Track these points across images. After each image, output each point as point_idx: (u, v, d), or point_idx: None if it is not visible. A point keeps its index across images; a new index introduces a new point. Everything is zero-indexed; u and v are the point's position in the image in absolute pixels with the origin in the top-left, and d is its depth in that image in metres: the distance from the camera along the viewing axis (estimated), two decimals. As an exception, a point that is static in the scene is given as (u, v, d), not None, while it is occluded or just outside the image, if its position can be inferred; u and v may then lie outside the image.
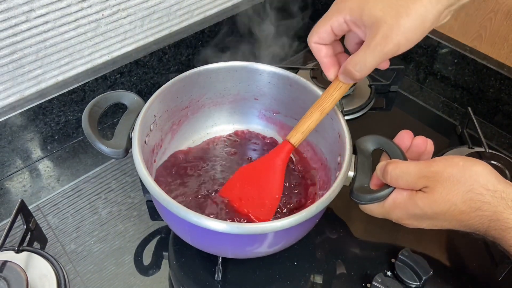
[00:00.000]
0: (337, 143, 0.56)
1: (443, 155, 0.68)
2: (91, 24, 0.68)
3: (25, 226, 0.56)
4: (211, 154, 0.65)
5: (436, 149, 0.57)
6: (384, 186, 0.50)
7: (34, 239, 0.58)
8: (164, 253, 0.59)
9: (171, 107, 0.60)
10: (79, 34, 0.68)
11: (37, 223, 0.59)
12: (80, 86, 0.70)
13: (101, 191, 0.66)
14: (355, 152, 0.54)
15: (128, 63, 0.73)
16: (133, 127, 0.54)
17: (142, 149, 0.52)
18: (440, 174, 0.46)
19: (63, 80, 0.70)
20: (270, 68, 0.62)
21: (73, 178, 0.68)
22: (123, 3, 0.70)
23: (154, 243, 0.60)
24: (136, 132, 0.52)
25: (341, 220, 0.63)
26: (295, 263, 0.57)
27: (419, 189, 0.48)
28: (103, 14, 0.69)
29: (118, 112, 0.76)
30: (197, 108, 0.65)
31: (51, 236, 0.60)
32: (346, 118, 0.76)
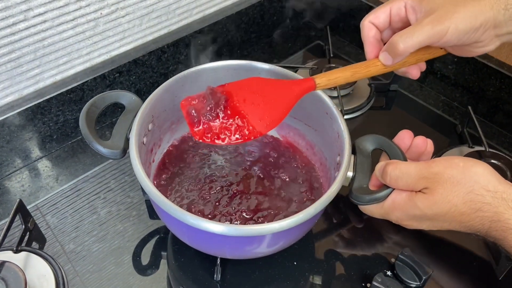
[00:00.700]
0: (336, 143, 0.55)
1: (443, 155, 0.68)
2: (90, 23, 0.68)
3: (24, 226, 0.56)
4: (210, 154, 0.64)
5: (436, 148, 0.57)
6: (383, 187, 0.50)
7: (33, 239, 0.58)
8: (163, 253, 0.58)
9: (170, 107, 0.60)
10: (78, 33, 0.68)
11: (36, 223, 0.59)
12: (79, 86, 0.69)
13: (100, 191, 0.66)
14: (354, 152, 0.53)
15: (127, 62, 0.73)
16: (131, 128, 0.54)
17: (140, 150, 0.52)
18: (440, 175, 0.46)
19: (62, 80, 0.70)
20: (269, 67, 0.61)
21: (72, 178, 0.67)
22: (122, 2, 0.69)
23: (153, 243, 0.60)
24: (134, 133, 0.52)
25: (341, 220, 0.62)
26: (295, 263, 0.57)
27: (419, 190, 0.48)
28: (102, 13, 0.68)
29: (117, 112, 0.76)
30: (196, 108, 0.65)
31: (50, 236, 0.60)
32: (346, 117, 0.76)
